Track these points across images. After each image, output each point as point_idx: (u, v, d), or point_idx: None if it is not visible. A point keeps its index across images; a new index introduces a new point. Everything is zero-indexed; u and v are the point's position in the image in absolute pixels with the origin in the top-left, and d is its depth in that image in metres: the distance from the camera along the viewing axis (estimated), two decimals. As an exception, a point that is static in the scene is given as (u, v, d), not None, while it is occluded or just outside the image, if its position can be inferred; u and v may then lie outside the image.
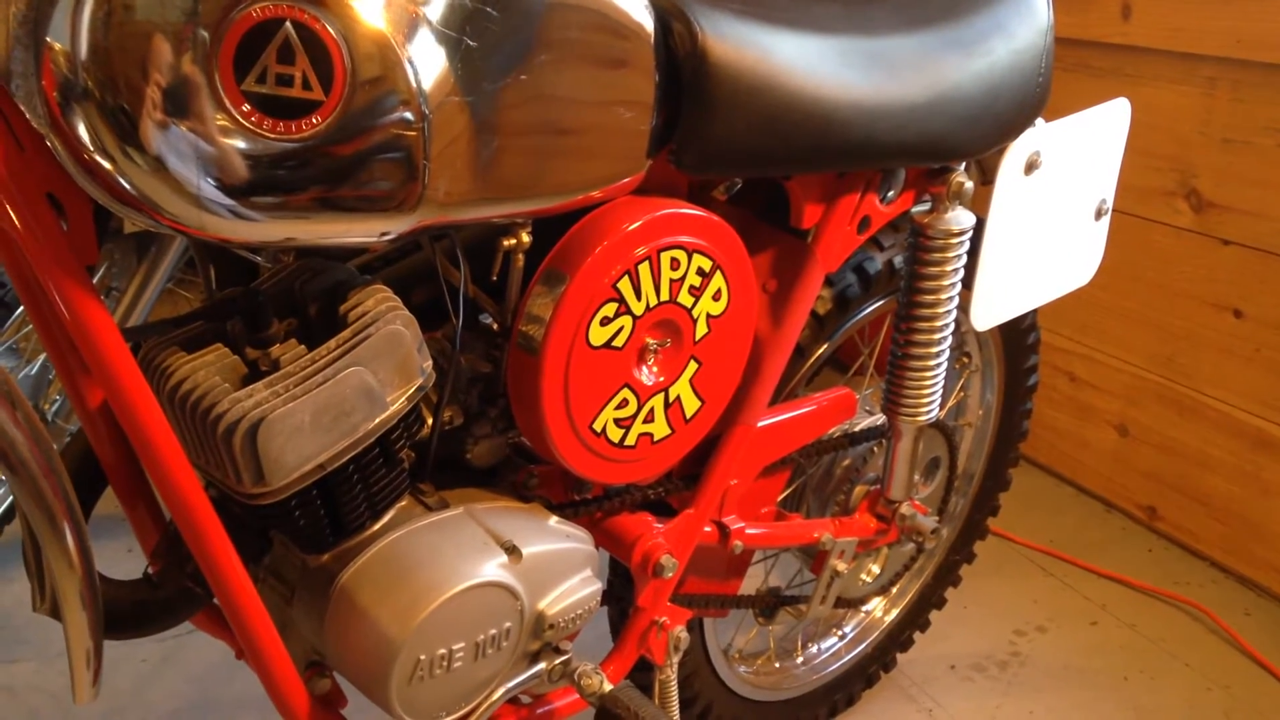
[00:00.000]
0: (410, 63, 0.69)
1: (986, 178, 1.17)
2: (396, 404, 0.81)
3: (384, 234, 0.74)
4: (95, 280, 1.64)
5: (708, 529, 1.14)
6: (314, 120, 0.66)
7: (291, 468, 0.76)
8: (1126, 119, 1.24)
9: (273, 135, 0.66)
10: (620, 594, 1.20)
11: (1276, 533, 1.82)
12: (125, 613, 0.84)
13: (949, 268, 1.15)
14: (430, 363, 0.84)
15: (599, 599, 0.96)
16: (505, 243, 0.86)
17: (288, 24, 0.64)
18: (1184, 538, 1.98)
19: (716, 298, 0.98)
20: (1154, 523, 2.03)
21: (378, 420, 0.80)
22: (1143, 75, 1.92)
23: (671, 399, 0.99)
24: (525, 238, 0.87)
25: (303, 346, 0.78)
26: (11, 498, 1.68)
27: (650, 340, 0.95)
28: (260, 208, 0.68)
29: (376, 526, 0.86)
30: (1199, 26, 1.80)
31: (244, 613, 0.79)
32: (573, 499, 1.06)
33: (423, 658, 0.83)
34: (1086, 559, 1.93)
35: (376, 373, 0.79)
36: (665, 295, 0.94)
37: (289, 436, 0.75)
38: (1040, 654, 1.70)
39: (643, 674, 1.18)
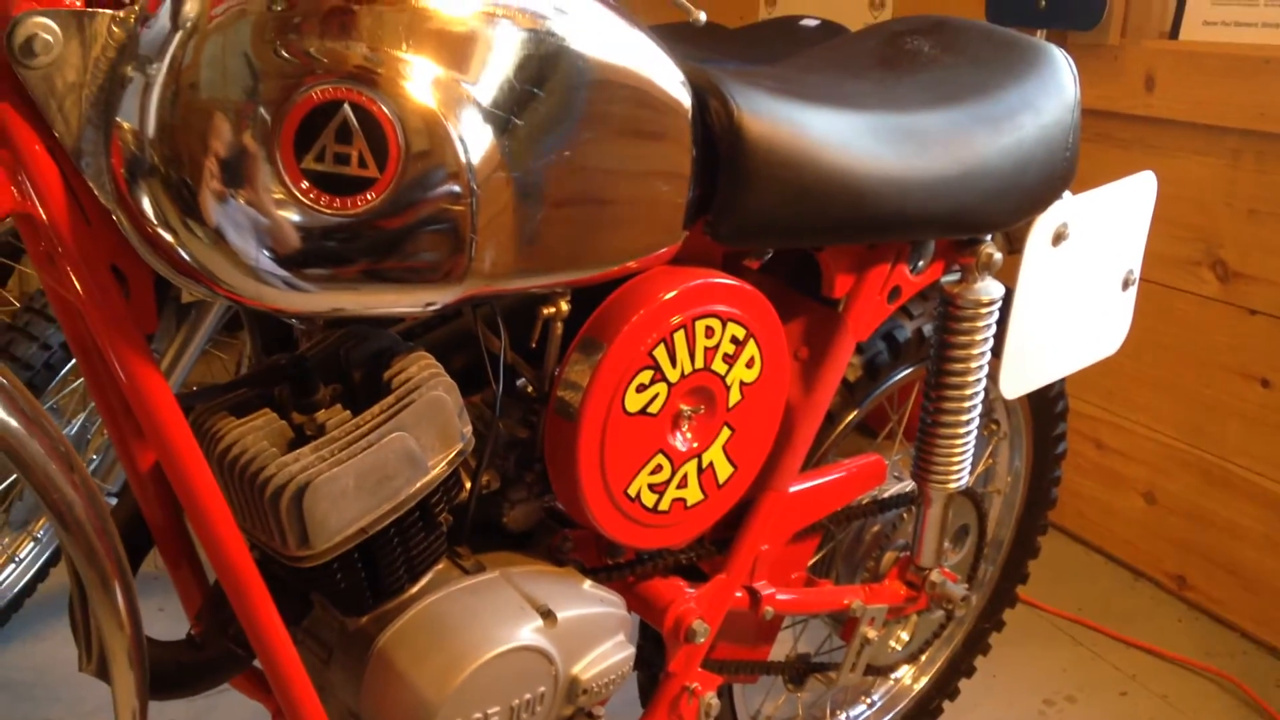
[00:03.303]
0: (460, 140, 0.71)
1: (1014, 247, 1.19)
2: (437, 468, 0.83)
3: (429, 304, 0.76)
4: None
5: (739, 594, 1.14)
6: (368, 196, 0.69)
7: (335, 531, 0.78)
8: (1153, 192, 1.26)
9: (329, 211, 0.68)
10: (650, 658, 1.21)
11: (1309, 604, 1.80)
12: (169, 673, 0.85)
13: (978, 337, 1.16)
14: (470, 428, 0.86)
15: (631, 663, 0.97)
16: (545, 311, 0.88)
17: (346, 106, 0.67)
18: (1214, 607, 1.96)
19: (750, 365, 0.99)
20: (1183, 592, 2.02)
21: (419, 484, 0.81)
22: (1167, 146, 1.94)
23: (705, 464, 1.00)
24: (564, 306, 0.89)
25: (348, 412, 0.80)
26: (44, 557, 1.71)
27: (684, 407, 0.97)
28: (313, 279, 0.71)
29: (414, 589, 0.87)
30: (1222, 99, 1.82)
31: (285, 674, 0.80)
32: (606, 563, 1.06)
33: (459, 721, 0.84)
34: (1116, 628, 1.91)
35: (419, 438, 0.81)
36: (700, 363, 0.96)
37: (334, 500, 0.76)
38: (1070, 725, 1.68)
39: (673, 740, 1.18)
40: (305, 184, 0.67)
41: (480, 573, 0.90)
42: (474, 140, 0.72)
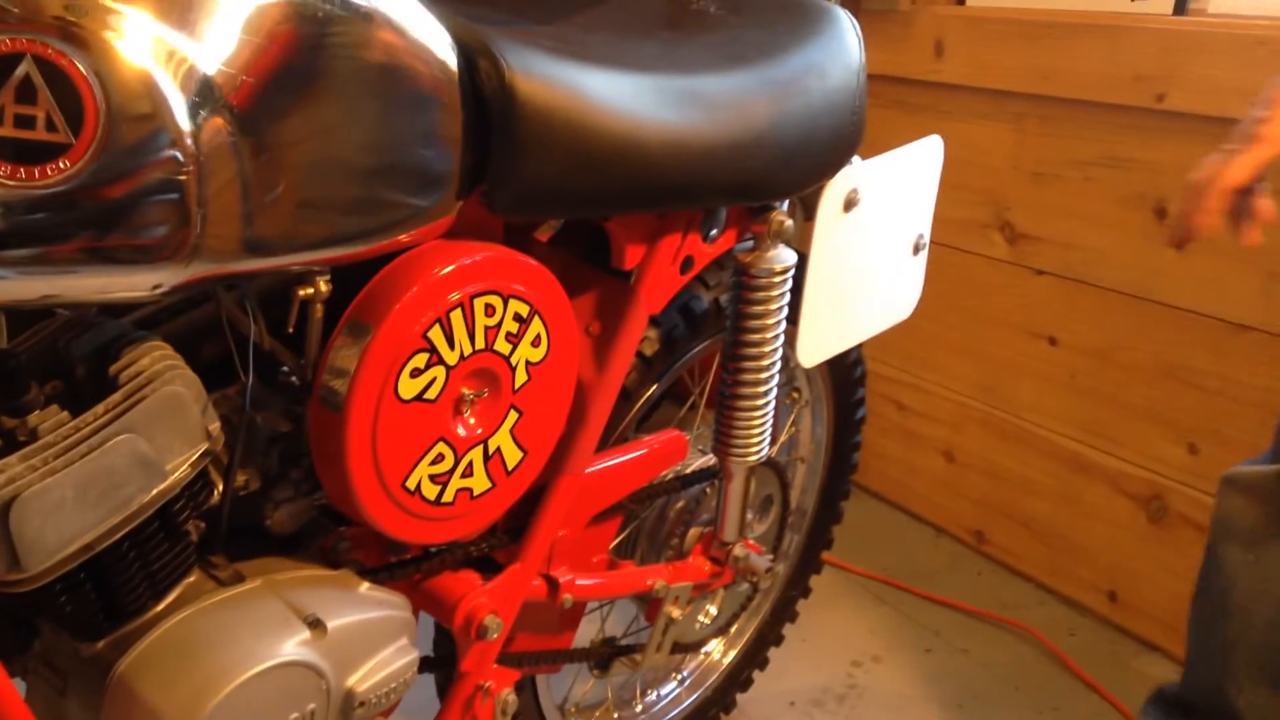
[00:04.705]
0: (176, 100, 0.63)
1: (809, 214, 1.17)
2: (178, 472, 0.74)
3: (156, 287, 0.67)
4: None
5: (536, 583, 1.09)
6: (61, 165, 0.59)
7: (53, 549, 0.68)
8: (939, 155, 1.26)
9: (13, 182, 0.58)
10: (447, 656, 1.14)
11: (1096, 553, 1.88)
12: None
13: (773, 306, 1.13)
14: (217, 424, 0.77)
15: (415, 669, 0.90)
16: (301, 292, 0.80)
17: (28, 59, 0.57)
18: (1010, 560, 2.03)
19: (535, 344, 0.94)
20: (982, 547, 2.08)
21: (155, 491, 0.72)
22: (956, 111, 1.97)
23: (491, 451, 0.94)
24: (323, 286, 0.81)
25: (66, 413, 0.70)
26: None
27: (466, 391, 0.90)
28: (6, 263, 0.61)
29: (160, 607, 0.78)
30: (1007, 64, 1.86)
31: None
32: (389, 561, 0.99)
33: (214, 751, 0.75)
34: (919, 585, 1.96)
35: (152, 439, 0.72)
36: (480, 343, 0.89)
37: (48, 515, 0.67)
38: (877, 685, 1.70)
39: (473, 738, 1.12)
40: (-20, 151, 0.57)
41: (238, 583, 0.81)
42: (195, 101, 0.63)
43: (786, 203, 1.13)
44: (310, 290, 0.80)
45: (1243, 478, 1.12)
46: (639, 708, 1.46)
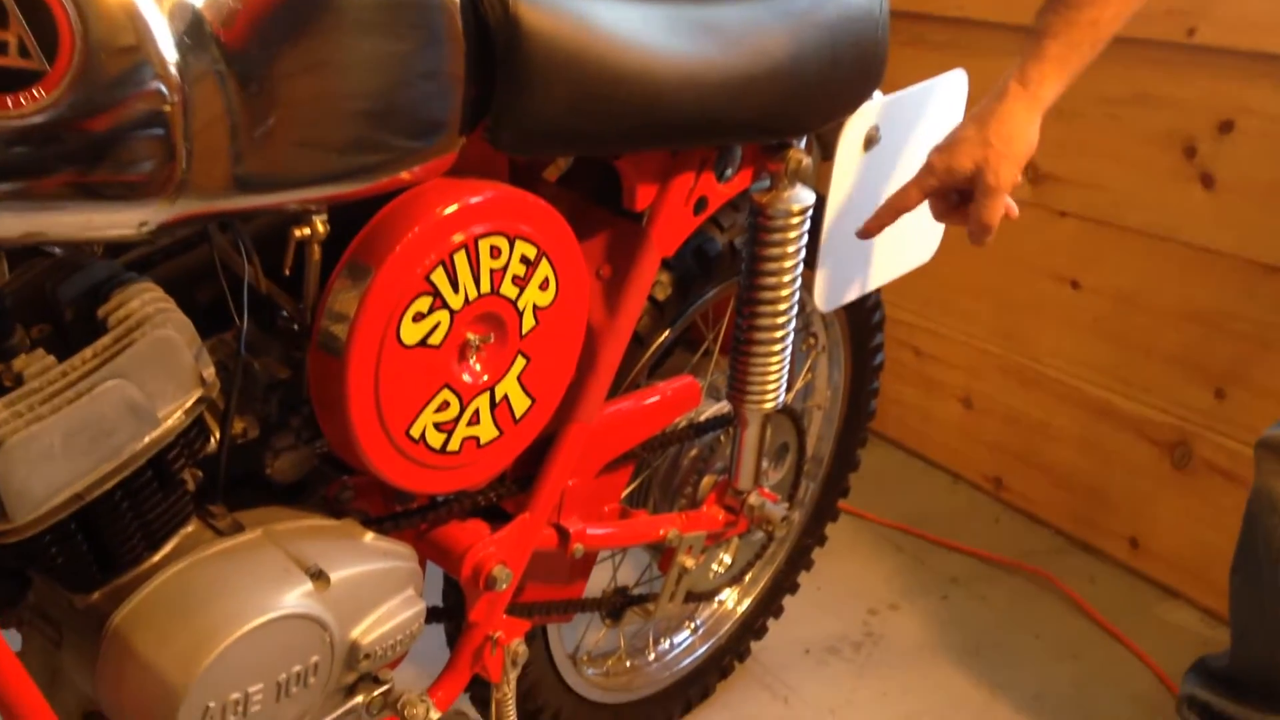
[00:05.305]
0: (159, 26, 0.59)
1: (828, 153, 1.13)
2: (171, 419, 0.71)
3: (142, 225, 0.64)
4: None
5: (545, 533, 1.07)
6: (36, 94, 0.56)
7: (41, 499, 0.66)
8: (964, 90, 1.21)
9: (-15, 112, 0.55)
10: (456, 607, 1.12)
11: (1118, 500, 1.85)
12: None
13: (790, 248, 1.10)
14: (212, 370, 0.74)
15: (422, 620, 0.88)
16: (297, 233, 0.77)
17: (-4, -22, 0.54)
18: (1029, 507, 2.00)
19: (544, 287, 0.90)
20: (1000, 493, 2.05)
21: (147, 439, 0.70)
22: (979, 48, 1.91)
23: (498, 398, 0.91)
24: (320, 227, 0.77)
25: (52, 358, 0.68)
26: None
27: (472, 336, 0.87)
28: (-18, 198, 0.58)
29: (156, 558, 0.76)
30: (1031, -1, 1.79)
31: (-10, 670, 0.68)
32: (394, 511, 0.97)
33: (212, 705, 0.73)
34: (936, 532, 1.93)
35: (144, 384, 0.69)
36: (486, 287, 0.86)
37: (35, 463, 0.64)
38: (893, 632, 1.68)
39: (485, 688, 1.10)
40: (-53, 77, 0.54)
41: (238, 533, 0.79)
42: (178, 25, 0.60)
43: (804, 140, 1.09)
44: (306, 230, 0.77)
45: (1278, 442, 1.09)
46: (652, 656, 1.45)
